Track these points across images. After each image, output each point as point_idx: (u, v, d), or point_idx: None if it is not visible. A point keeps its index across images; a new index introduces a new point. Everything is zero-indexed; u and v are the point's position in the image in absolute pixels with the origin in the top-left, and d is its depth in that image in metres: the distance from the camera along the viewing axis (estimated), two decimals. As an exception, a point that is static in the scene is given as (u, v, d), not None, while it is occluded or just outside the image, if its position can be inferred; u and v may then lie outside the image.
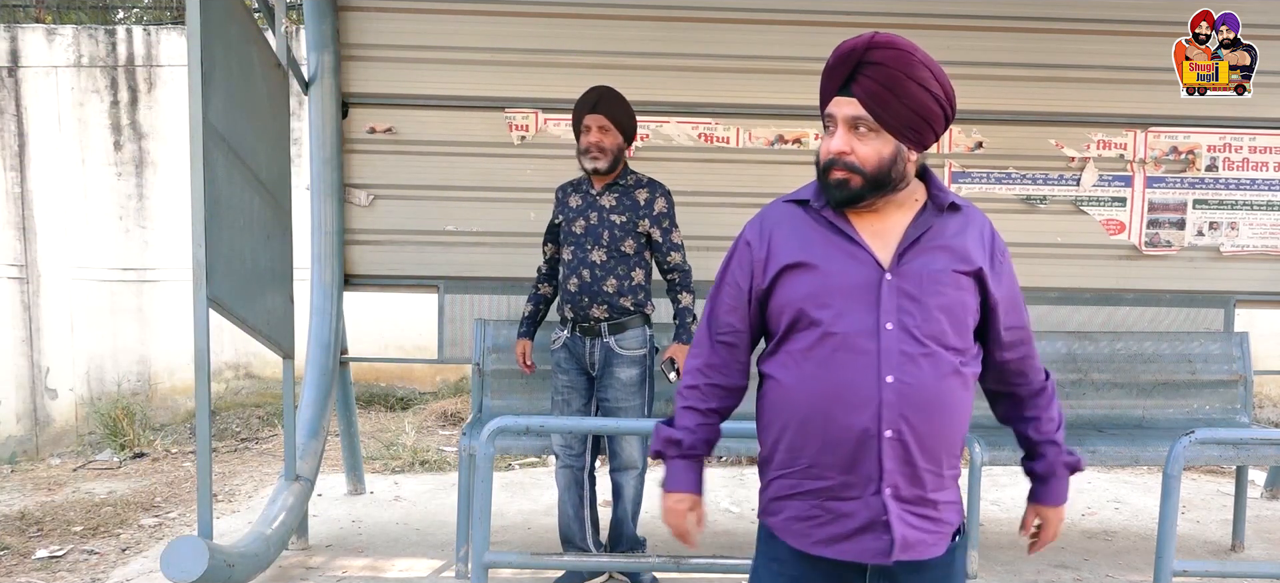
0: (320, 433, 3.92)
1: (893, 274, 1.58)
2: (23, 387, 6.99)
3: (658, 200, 3.38)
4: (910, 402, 1.55)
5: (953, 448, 1.62)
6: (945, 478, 1.62)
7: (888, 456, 1.56)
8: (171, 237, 6.86)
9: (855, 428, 1.56)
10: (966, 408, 1.63)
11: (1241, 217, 4.33)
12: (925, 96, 1.56)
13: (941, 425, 1.58)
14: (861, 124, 1.56)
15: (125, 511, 4.65)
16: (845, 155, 1.57)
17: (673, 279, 3.42)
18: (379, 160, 4.14)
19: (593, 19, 4.05)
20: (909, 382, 1.55)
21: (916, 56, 1.56)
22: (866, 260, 1.59)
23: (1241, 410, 4.07)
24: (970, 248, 1.62)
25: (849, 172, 1.57)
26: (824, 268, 1.61)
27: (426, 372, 7.36)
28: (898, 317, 1.56)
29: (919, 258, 1.59)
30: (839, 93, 1.59)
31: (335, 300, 4.13)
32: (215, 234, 2.65)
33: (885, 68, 1.55)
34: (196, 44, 2.55)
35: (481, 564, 2.74)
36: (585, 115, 3.32)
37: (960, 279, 1.60)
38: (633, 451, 3.43)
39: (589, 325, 3.34)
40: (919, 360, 1.56)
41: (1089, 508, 4.73)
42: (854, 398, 1.56)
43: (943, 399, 1.57)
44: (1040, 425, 1.77)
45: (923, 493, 1.59)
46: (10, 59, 6.87)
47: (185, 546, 2.50)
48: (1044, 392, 1.77)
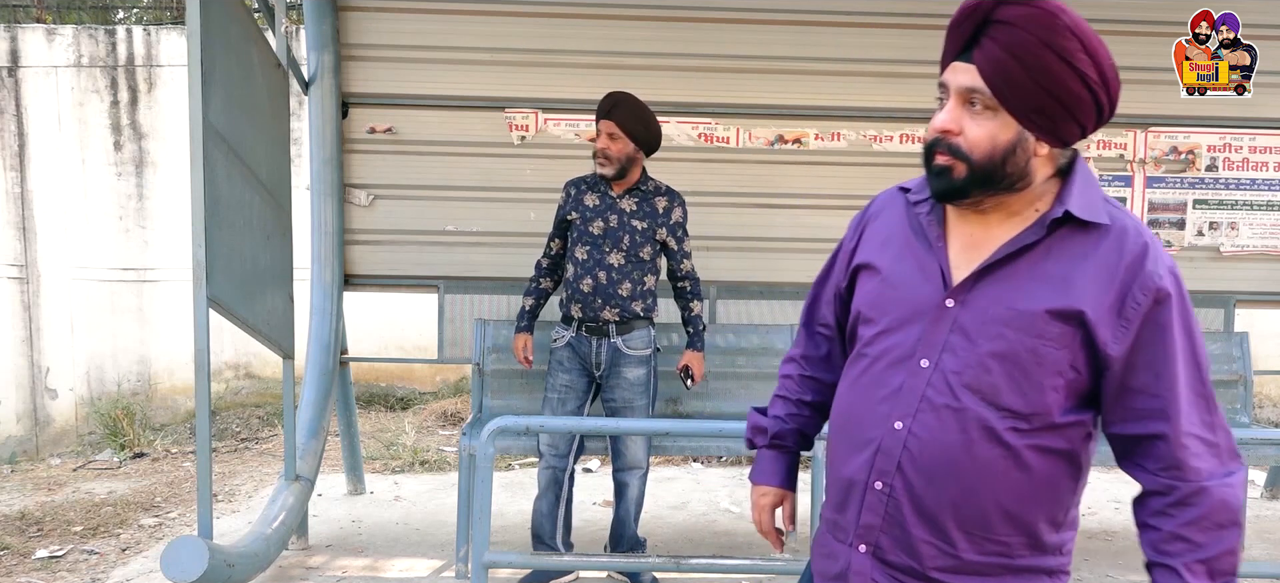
0: (320, 433, 3.92)
1: (954, 300, 1.28)
2: (23, 387, 6.99)
3: (675, 209, 3.41)
4: (913, 456, 1.28)
5: (979, 527, 1.27)
6: (969, 562, 1.28)
7: (870, 509, 1.32)
8: (171, 237, 6.86)
9: (847, 469, 1.36)
10: (1014, 485, 1.26)
11: (1241, 217, 4.33)
12: (1067, 74, 1.20)
13: (954, 495, 1.27)
14: (977, 99, 1.23)
15: (125, 511, 4.65)
16: (951, 134, 1.25)
17: (684, 287, 3.46)
18: (379, 160, 4.14)
19: (593, 19, 4.05)
20: (919, 434, 1.28)
21: (1061, 21, 1.20)
22: (934, 277, 1.31)
23: (1241, 411, 4.07)
24: (1079, 280, 1.23)
25: (953, 156, 1.25)
26: (889, 276, 1.36)
27: (426, 372, 7.36)
28: (939, 354, 1.28)
29: (998, 286, 1.27)
30: (958, 57, 1.25)
31: (335, 300, 4.13)
32: (215, 234, 2.65)
33: (1017, 30, 1.20)
34: (196, 44, 2.54)
35: (481, 564, 2.74)
36: (599, 119, 3.34)
37: (1047, 323, 1.23)
38: (638, 451, 3.44)
39: (597, 326, 3.35)
40: (943, 413, 1.27)
41: (1089, 508, 4.73)
42: (857, 436, 1.35)
43: (960, 465, 1.26)
44: (1158, 540, 1.26)
45: (917, 566, 1.30)
46: (10, 59, 6.87)
47: (185, 546, 2.50)
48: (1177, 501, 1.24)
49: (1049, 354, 1.24)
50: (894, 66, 4.09)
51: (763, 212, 4.17)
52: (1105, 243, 1.25)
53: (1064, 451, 1.28)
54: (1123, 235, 1.25)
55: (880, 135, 4.17)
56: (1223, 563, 1.23)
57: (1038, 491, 1.27)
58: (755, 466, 1.63)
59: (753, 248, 4.16)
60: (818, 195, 4.16)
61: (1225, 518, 1.23)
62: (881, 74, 4.11)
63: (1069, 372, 1.25)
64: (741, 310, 4.20)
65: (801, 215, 4.17)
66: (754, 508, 1.61)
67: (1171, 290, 1.24)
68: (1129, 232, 1.26)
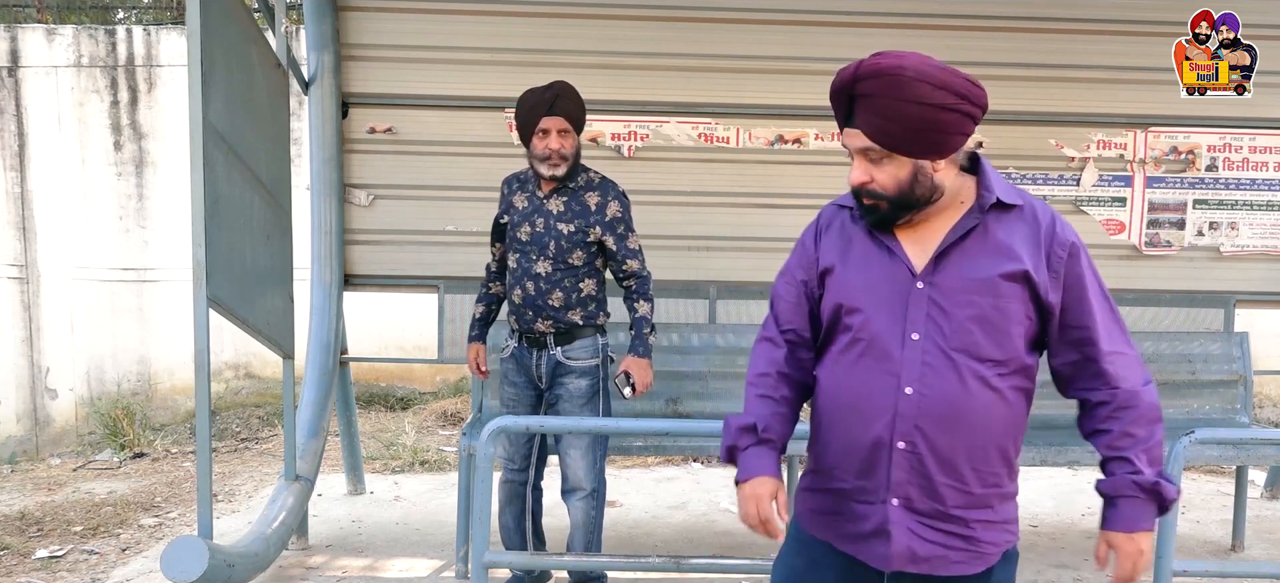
0: (320, 433, 3.92)
1: (924, 282, 1.57)
2: (23, 387, 6.99)
3: (610, 204, 3.05)
4: (928, 414, 1.54)
5: (983, 463, 1.57)
6: (977, 495, 1.58)
7: (898, 466, 1.56)
8: (171, 237, 6.86)
9: (869, 436, 1.58)
10: (1002, 421, 1.57)
11: (1241, 217, 4.33)
12: (928, 111, 1.49)
13: (965, 439, 1.55)
14: (872, 153, 1.54)
15: (125, 511, 4.65)
16: (866, 184, 1.57)
17: (629, 286, 3.12)
18: (379, 160, 4.14)
19: (593, 19, 4.05)
20: (928, 394, 1.54)
21: (906, 74, 1.49)
22: (901, 267, 1.58)
23: (1241, 411, 4.07)
24: (1018, 248, 1.55)
25: (875, 198, 1.57)
26: (859, 274, 1.62)
27: (426, 372, 7.36)
28: (925, 326, 1.55)
29: (957, 264, 1.56)
30: (845, 125, 1.58)
31: (335, 300, 4.13)
32: (215, 234, 2.65)
33: (876, 98, 1.51)
34: (196, 44, 2.54)
35: (481, 564, 2.74)
36: (543, 117, 2.95)
37: (1003, 284, 1.54)
38: (578, 469, 3.10)
39: (535, 337, 3.10)
40: (943, 372, 1.54)
41: (1089, 508, 4.73)
42: (871, 407, 1.58)
43: (966, 413, 1.54)
44: (1111, 439, 1.60)
45: (941, 508, 1.57)
46: (10, 59, 6.87)
47: (185, 546, 2.50)
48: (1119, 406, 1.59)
49: (1010, 309, 1.55)
50: (894, 66, 4.09)
51: (763, 212, 4.16)
52: (1025, 218, 1.58)
53: (1027, 388, 1.61)
54: (1035, 211, 1.59)
55: (880, 135, 4.16)
56: (1157, 452, 1.60)
57: (1015, 423, 1.60)
58: (745, 464, 1.71)
59: (753, 248, 4.16)
60: (818, 195, 4.10)
61: (1155, 415, 1.60)
62: (881, 74, 4.10)
63: (1025, 321, 1.57)
64: (741, 310, 4.19)
65: (801, 215, 4.07)
66: (751, 500, 1.67)
67: (1078, 244, 1.59)
68: (1038, 207, 1.60)
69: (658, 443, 3.78)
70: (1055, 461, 3.55)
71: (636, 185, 4.04)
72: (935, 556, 1.58)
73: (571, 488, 3.15)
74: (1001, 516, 1.62)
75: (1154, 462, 1.59)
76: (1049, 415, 3.99)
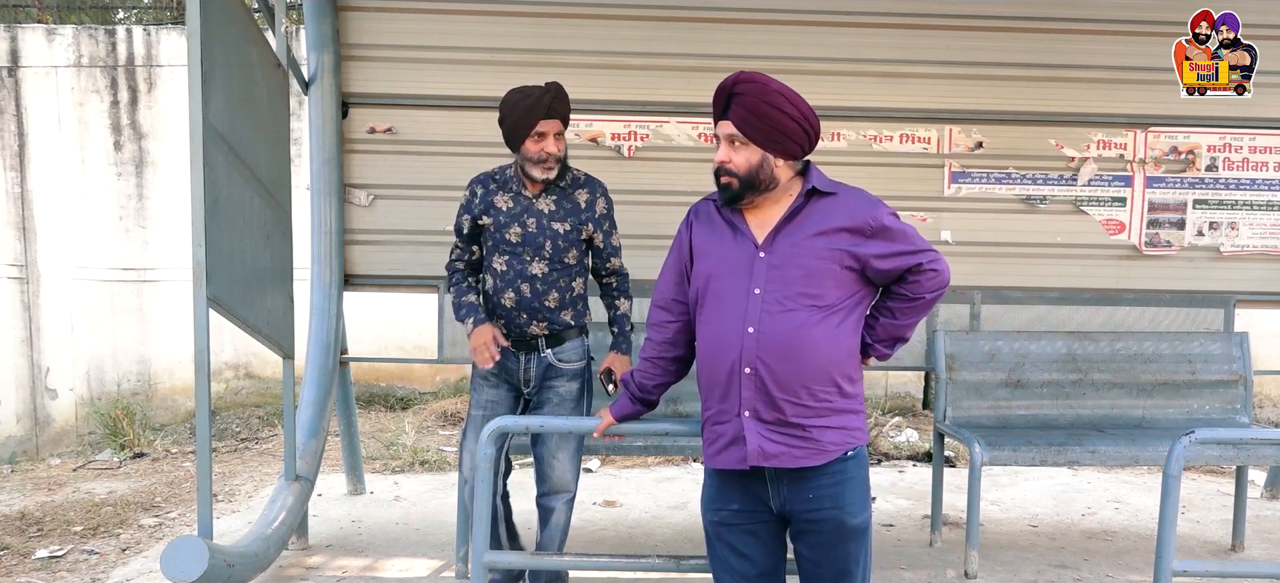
0: (320, 433, 3.92)
1: (765, 252, 2.07)
2: (23, 387, 6.99)
3: (598, 201, 3.04)
4: (766, 346, 2.02)
5: (814, 381, 2.03)
6: (811, 407, 2.04)
7: (746, 387, 2.05)
8: (171, 237, 6.87)
9: (725, 367, 2.07)
10: (826, 347, 2.03)
11: (1241, 217, 4.33)
12: (782, 117, 2.05)
13: (796, 364, 2.02)
14: (736, 140, 2.07)
15: (125, 511, 4.65)
16: (725, 163, 2.09)
17: (611, 284, 3.11)
18: (379, 160, 4.14)
19: (593, 19, 4.05)
20: (765, 331, 2.02)
21: (771, 88, 2.06)
22: (747, 243, 2.10)
23: (1241, 410, 4.07)
24: (837, 221, 2.06)
25: (729, 176, 2.08)
26: (718, 252, 2.14)
27: (426, 372, 7.37)
28: (765, 284, 2.04)
29: (789, 237, 2.07)
30: (720, 118, 2.10)
31: (335, 300, 4.13)
32: (215, 234, 2.65)
33: (747, 98, 2.05)
34: (196, 44, 2.55)
35: (481, 564, 2.74)
36: (541, 120, 2.91)
37: (823, 241, 2.04)
38: (565, 471, 3.07)
39: (525, 340, 3.03)
40: (777, 315, 2.02)
41: (1089, 508, 4.73)
42: (725, 345, 2.07)
43: (796, 343, 2.01)
44: (913, 290, 2.11)
45: (782, 417, 2.04)
46: (10, 59, 6.87)
47: (185, 546, 2.50)
48: (930, 269, 2.10)
49: (829, 262, 2.04)
50: (894, 66, 4.10)
51: (763, 212, 4.16)
52: (839, 201, 2.09)
53: (852, 325, 2.08)
54: (848, 194, 2.11)
55: (880, 135, 4.17)
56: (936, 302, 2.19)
57: (838, 348, 2.05)
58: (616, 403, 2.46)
59: (753, 248, 4.16)
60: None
61: (946, 280, 2.15)
62: (881, 74, 4.11)
63: (841, 270, 2.06)
64: (741, 310, 4.19)
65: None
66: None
67: (885, 216, 2.08)
68: (850, 193, 2.12)
69: (657, 443, 3.78)
70: (1055, 461, 3.54)
71: (636, 185, 4.07)
72: (782, 453, 2.05)
73: (556, 490, 3.10)
74: (839, 423, 2.06)
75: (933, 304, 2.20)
76: (1049, 415, 4.00)
